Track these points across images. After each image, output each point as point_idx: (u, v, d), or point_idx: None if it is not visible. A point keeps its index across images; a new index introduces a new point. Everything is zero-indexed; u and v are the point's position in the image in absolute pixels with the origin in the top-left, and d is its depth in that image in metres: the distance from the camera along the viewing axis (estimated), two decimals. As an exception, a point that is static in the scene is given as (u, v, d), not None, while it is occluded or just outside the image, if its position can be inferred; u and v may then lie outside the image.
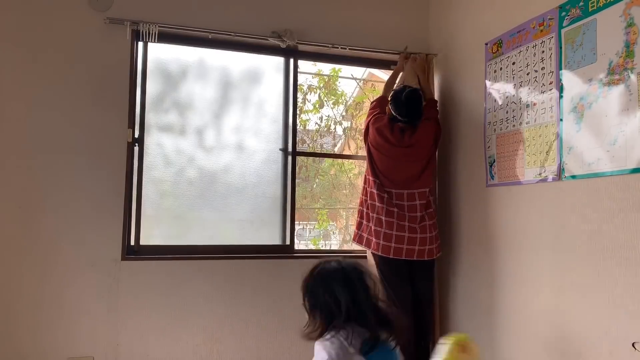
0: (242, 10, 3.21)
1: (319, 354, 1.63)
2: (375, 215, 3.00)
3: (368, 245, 3.03)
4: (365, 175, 3.13)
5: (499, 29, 2.82)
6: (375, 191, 3.02)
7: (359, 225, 3.12)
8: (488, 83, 2.91)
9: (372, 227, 3.00)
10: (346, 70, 3.72)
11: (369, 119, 3.16)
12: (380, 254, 2.95)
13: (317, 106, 3.71)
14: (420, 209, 2.99)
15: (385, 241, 2.93)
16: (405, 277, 2.98)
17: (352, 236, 3.17)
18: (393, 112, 3.07)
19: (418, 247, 2.93)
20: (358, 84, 3.91)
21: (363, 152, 3.32)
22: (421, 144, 3.05)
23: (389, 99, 3.13)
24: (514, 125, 2.69)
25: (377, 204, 3.00)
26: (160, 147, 3.13)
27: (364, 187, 3.12)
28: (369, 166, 3.10)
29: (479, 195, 2.96)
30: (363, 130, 3.23)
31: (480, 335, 2.89)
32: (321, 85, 3.74)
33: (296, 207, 3.34)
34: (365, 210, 3.08)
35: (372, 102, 3.26)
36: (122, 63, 2.99)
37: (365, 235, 3.06)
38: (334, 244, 3.87)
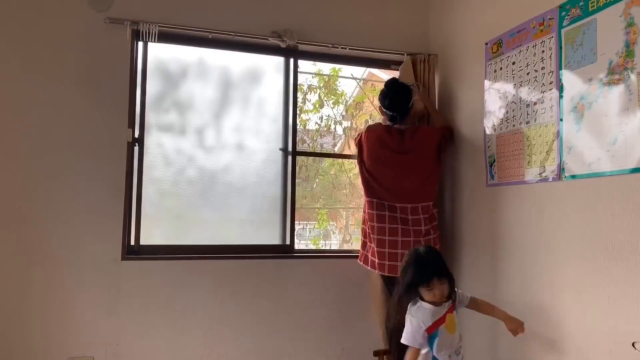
0: (242, 10, 3.21)
1: None
2: (376, 236, 2.96)
3: (373, 266, 2.99)
4: (364, 198, 3.08)
5: (499, 28, 2.82)
6: (374, 212, 2.98)
7: (364, 245, 3.10)
8: (488, 83, 2.91)
9: (375, 249, 2.97)
10: (346, 70, 3.72)
11: (358, 137, 3.15)
12: (387, 274, 2.91)
13: (317, 106, 3.70)
14: (424, 222, 2.96)
15: (391, 261, 2.89)
16: None
17: (359, 257, 3.13)
18: (382, 107, 3.07)
19: None
20: (358, 84, 3.91)
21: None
22: (421, 150, 3.01)
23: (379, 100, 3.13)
24: (514, 125, 2.69)
25: (377, 224, 2.96)
26: (160, 147, 3.13)
27: (364, 208, 3.09)
28: (365, 187, 3.05)
29: (479, 195, 2.96)
30: (357, 153, 3.17)
31: (481, 334, 2.89)
32: (321, 85, 3.73)
33: (296, 206, 3.34)
34: (368, 230, 3.05)
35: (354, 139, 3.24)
36: (122, 63, 2.99)
37: (369, 256, 3.03)
38: (334, 243, 3.86)
